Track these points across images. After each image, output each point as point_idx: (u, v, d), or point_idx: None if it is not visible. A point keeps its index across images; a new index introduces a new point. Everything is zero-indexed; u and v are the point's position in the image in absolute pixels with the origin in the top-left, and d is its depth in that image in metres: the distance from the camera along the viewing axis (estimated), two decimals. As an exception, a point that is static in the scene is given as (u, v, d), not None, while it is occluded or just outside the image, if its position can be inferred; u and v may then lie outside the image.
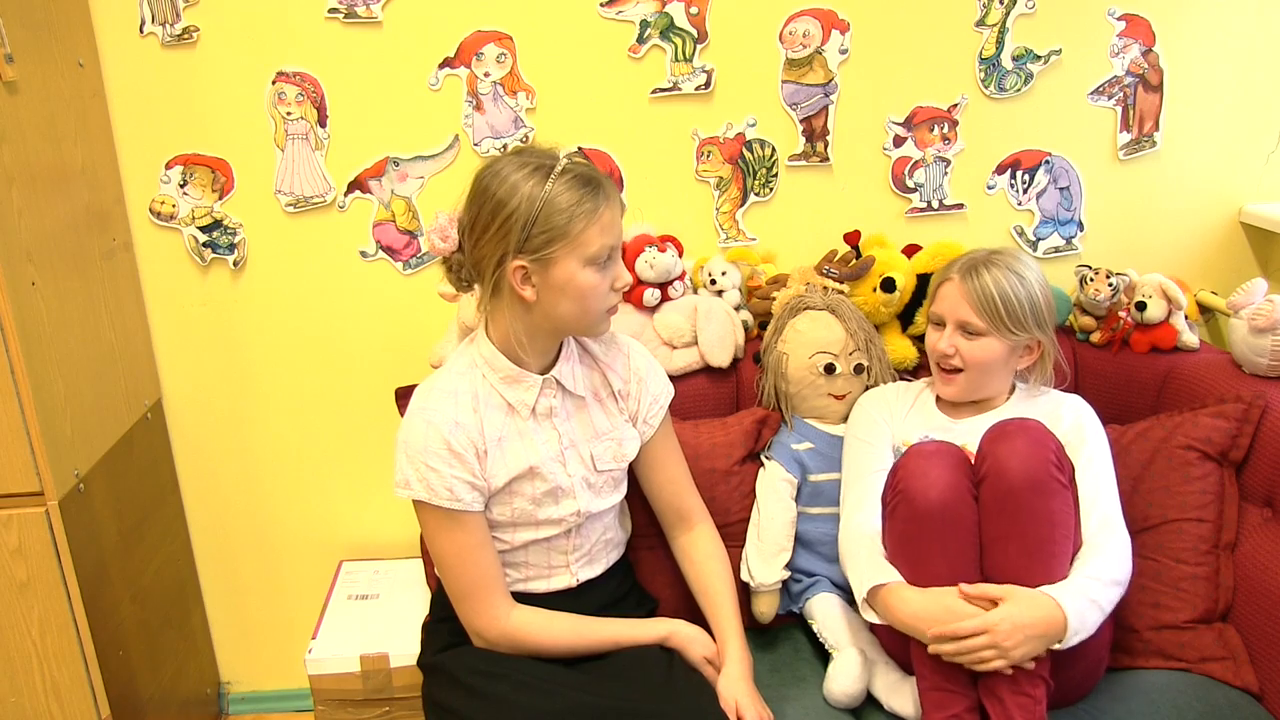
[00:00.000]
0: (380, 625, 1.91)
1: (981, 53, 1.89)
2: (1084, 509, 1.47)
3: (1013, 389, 1.65)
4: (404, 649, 1.82)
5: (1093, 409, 1.60)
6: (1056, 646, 1.36)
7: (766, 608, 1.66)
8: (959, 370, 1.59)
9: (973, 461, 1.45)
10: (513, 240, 1.33)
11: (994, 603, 1.36)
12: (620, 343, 1.56)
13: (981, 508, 1.41)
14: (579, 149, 1.90)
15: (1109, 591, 1.40)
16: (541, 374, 1.45)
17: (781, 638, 1.71)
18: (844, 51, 1.88)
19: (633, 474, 1.61)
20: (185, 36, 1.84)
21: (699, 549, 1.59)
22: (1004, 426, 1.44)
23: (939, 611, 1.38)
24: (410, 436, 1.39)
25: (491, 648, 1.44)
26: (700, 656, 1.48)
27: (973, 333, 1.56)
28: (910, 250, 1.90)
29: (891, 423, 1.66)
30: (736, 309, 1.86)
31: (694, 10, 1.85)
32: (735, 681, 1.45)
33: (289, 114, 1.89)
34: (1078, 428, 1.55)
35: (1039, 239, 1.99)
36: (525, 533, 1.46)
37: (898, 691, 1.49)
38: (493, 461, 1.41)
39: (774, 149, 1.93)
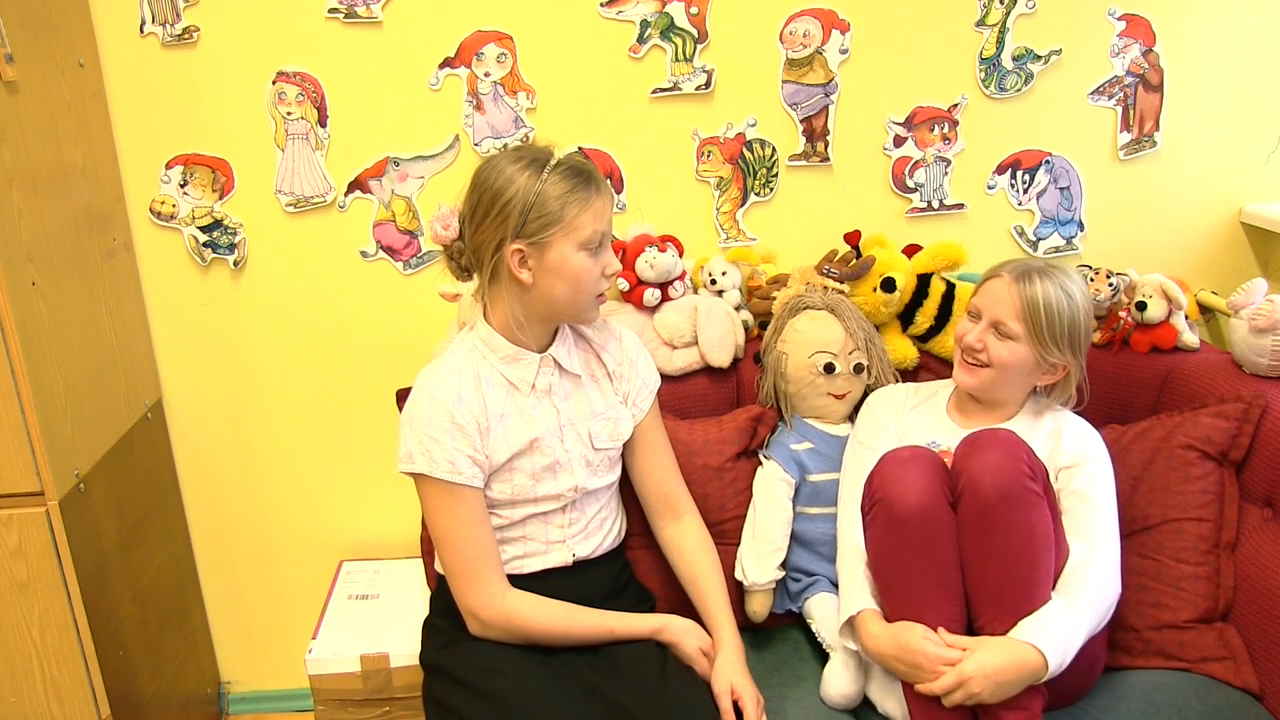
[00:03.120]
0: (380, 625, 1.91)
1: (982, 53, 1.89)
2: (1078, 529, 1.47)
3: (1024, 403, 1.64)
4: (404, 649, 1.82)
5: (1098, 432, 1.58)
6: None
7: (760, 607, 1.66)
8: (984, 366, 1.57)
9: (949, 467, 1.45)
10: (510, 225, 1.40)
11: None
12: (612, 328, 1.63)
13: (960, 525, 1.40)
14: (579, 149, 1.90)
15: (1091, 619, 1.40)
16: (539, 353, 1.51)
17: (781, 637, 1.71)
18: (844, 51, 1.88)
19: (625, 471, 1.63)
20: (185, 36, 1.84)
21: (687, 539, 1.61)
22: (975, 440, 1.42)
23: (899, 652, 1.39)
24: (415, 411, 1.45)
25: (486, 632, 1.46)
26: (696, 649, 1.50)
27: (1006, 335, 1.54)
28: (910, 250, 1.90)
29: (898, 424, 1.66)
30: (737, 309, 1.86)
31: (694, 10, 1.85)
32: (730, 666, 1.49)
33: (289, 114, 1.89)
34: (1081, 450, 1.54)
35: (1039, 239, 1.99)
36: (524, 509, 1.50)
37: (891, 695, 1.49)
38: (495, 438, 1.46)
39: (774, 149, 1.93)
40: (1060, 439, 1.55)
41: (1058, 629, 1.36)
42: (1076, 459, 1.52)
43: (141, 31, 1.84)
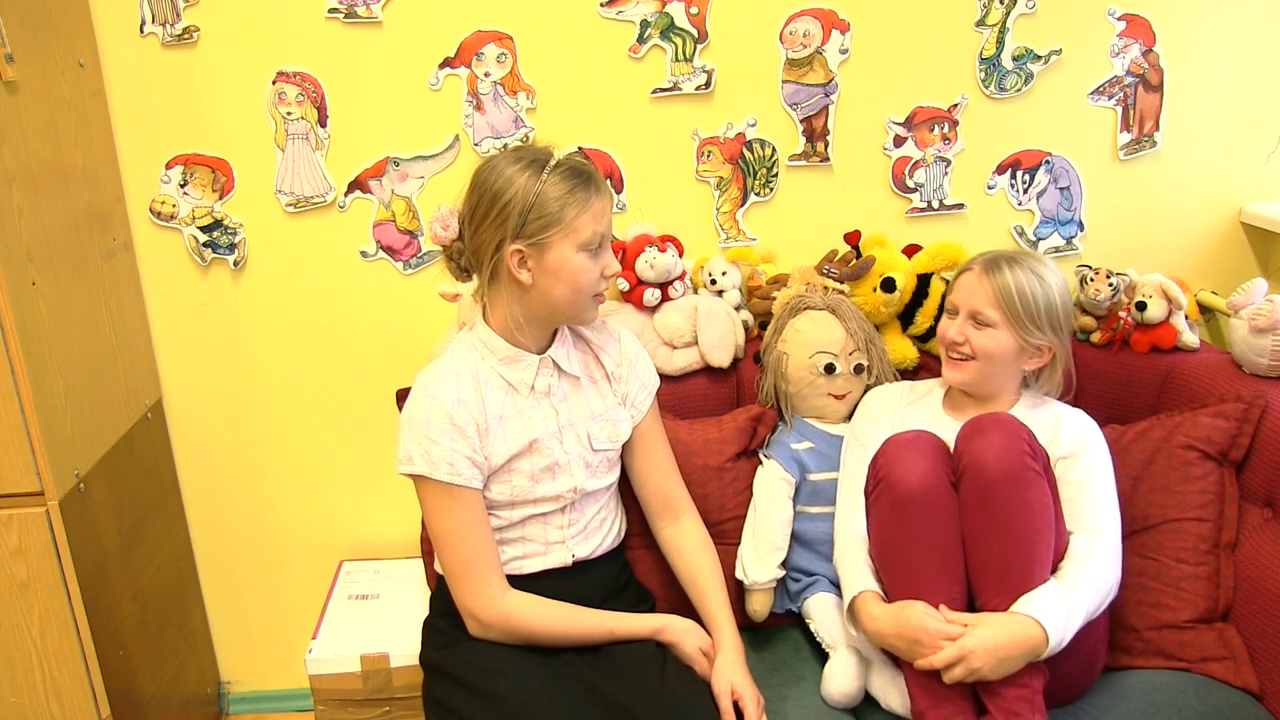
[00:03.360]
0: (380, 625, 1.91)
1: (982, 53, 1.89)
2: (1078, 519, 1.48)
3: (1018, 395, 1.65)
4: (404, 649, 1.82)
5: (1096, 423, 1.59)
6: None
7: (760, 606, 1.66)
8: (969, 359, 1.59)
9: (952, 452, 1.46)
10: (510, 226, 1.41)
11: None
12: (611, 329, 1.63)
13: (962, 504, 1.42)
14: (579, 149, 1.91)
15: (1092, 601, 1.41)
16: (538, 355, 1.51)
17: (780, 637, 1.71)
18: (844, 51, 1.88)
19: (624, 471, 1.64)
20: (185, 36, 1.84)
21: (687, 539, 1.62)
22: (978, 422, 1.44)
23: (899, 628, 1.39)
24: (414, 412, 1.45)
25: (485, 633, 1.46)
26: (696, 649, 1.50)
27: (984, 324, 1.57)
28: (910, 250, 1.90)
29: (894, 421, 1.67)
30: (737, 309, 1.86)
31: (694, 10, 1.85)
32: (730, 666, 1.49)
33: (289, 114, 1.89)
34: (1079, 440, 1.55)
35: (1039, 239, 1.99)
36: (523, 510, 1.50)
37: (894, 688, 1.49)
38: (494, 439, 1.46)
39: (774, 149, 1.93)
40: (1059, 430, 1.56)
41: (1058, 604, 1.36)
42: (1075, 449, 1.54)
43: (141, 31, 1.84)
